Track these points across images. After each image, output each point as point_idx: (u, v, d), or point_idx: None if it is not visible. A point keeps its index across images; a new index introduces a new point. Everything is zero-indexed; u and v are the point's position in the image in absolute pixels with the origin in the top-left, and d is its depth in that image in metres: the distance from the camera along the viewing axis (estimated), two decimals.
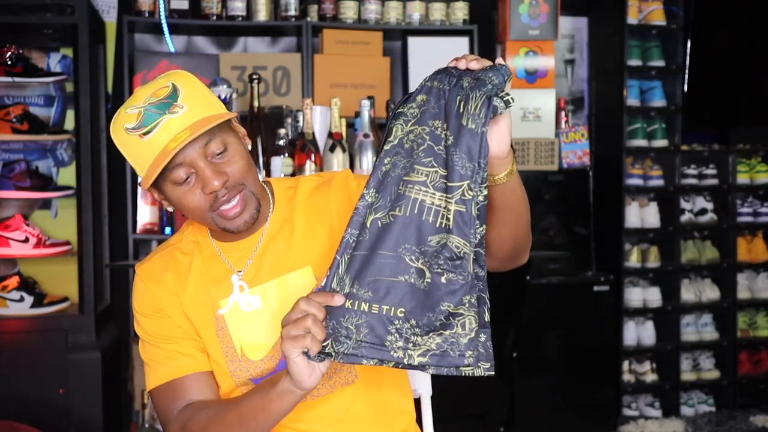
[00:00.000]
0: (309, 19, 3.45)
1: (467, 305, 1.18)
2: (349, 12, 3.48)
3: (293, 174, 2.97)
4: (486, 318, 1.18)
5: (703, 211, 4.07)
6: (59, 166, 3.30)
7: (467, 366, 1.17)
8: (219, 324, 1.43)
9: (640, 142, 3.95)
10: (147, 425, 2.99)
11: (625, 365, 3.93)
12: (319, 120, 3.16)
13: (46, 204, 3.26)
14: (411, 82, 3.64)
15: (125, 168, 3.28)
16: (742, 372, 4.10)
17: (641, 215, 3.96)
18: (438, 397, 1.80)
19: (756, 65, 4.11)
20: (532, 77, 3.71)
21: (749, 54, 4.10)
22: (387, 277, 1.19)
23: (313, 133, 3.03)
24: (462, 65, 1.22)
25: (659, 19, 3.89)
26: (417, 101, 1.24)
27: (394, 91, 3.71)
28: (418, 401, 1.69)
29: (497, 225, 1.30)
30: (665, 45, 3.97)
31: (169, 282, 1.45)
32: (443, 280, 1.18)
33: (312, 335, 1.19)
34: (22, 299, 2.99)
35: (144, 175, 1.32)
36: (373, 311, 1.19)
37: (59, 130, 3.25)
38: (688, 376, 4.01)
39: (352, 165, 3.07)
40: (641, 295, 3.94)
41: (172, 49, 3.48)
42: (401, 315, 1.19)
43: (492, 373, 1.17)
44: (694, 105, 3.96)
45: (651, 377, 3.95)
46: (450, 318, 1.18)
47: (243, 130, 1.42)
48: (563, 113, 3.82)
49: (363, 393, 1.46)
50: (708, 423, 3.84)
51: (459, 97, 1.19)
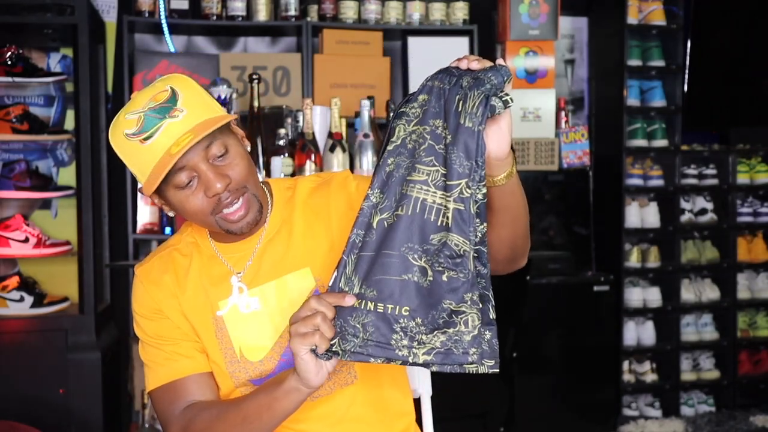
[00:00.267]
0: (309, 19, 3.45)
1: (469, 303, 1.18)
2: (349, 12, 3.48)
3: (293, 174, 2.97)
4: (491, 315, 1.18)
5: (703, 211, 4.06)
6: (59, 166, 3.30)
7: (471, 363, 1.18)
8: (218, 325, 1.43)
9: (640, 142, 3.95)
10: (147, 425, 2.99)
11: (625, 365, 3.93)
12: (319, 120, 3.16)
13: (46, 204, 3.26)
14: (411, 82, 3.64)
15: (125, 168, 3.27)
16: (742, 372, 4.10)
17: (641, 215, 3.96)
18: (438, 397, 1.80)
19: (756, 65, 4.10)
20: (532, 77, 3.71)
21: (749, 54, 4.09)
22: (392, 277, 1.20)
23: (313, 133, 3.03)
24: (463, 65, 1.23)
25: (659, 19, 3.89)
26: (419, 101, 1.24)
27: (394, 91, 3.70)
28: (418, 401, 1.69)
29: (496, 227, 1.30)
30: (665, 45, 3.97)
31: (169, 283, 1.45)
32: (444, 278, 1.19)
33: (321, 333, 1.20)
34: (22, 299, 2.99)
35: (145, 181, 1.31)
36: (379, 310, 1.20)
37: (59, 130, 3.25)
38: (688, 376, 4.01)
39: (352, 165, 3.07)
40: (641, 295, 3.94)
41: (172, 49, 3.48)
42: (406, 313, 1.19)
43: (497, 370, 1.17)
44: (694, 105, 3.96)
45: (651, 377, 3.95)
46: (453, 316, 1.18)
47: (242, 131, 1.42)
48: (563, 113, 3.82)
49: (362, 393, 1.46)
50: (708, 423, 3.84)
51: (458, 96, 1.20)
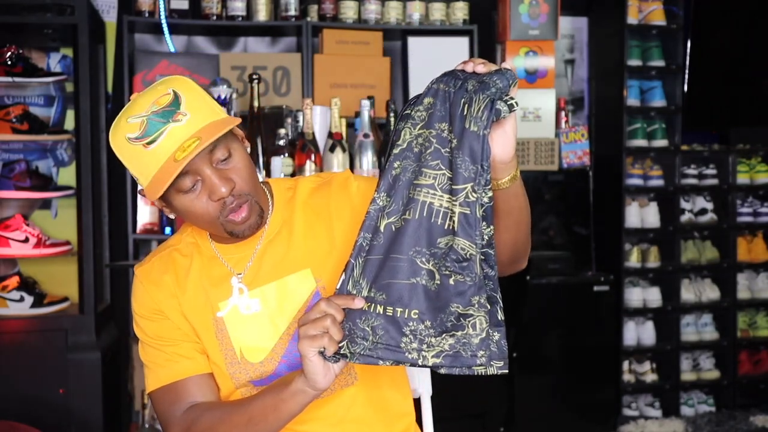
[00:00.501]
0: (309, 19, 3.45)
1: (476, 306, 1.19)
2: (349, 12, 3.48)
3: (293, 174, 2.97)
4: (499, 317, 1.19)
5: (703, 211, 4.06)
6: (59, 166, 3.30)
7: (480, 366, 1.18)
8: (218, 326, 1.43)
9: (640, 142, 3.95)
10: (147, 425, 2.99)
11: (625, 365, 3.93)
12: (319, 120, 3.16)
13: (46, 204, 3.26)
14: (411, 82, 3.64)
15: (125, 169, 3.27)
16: (742, 372, 4.10)
17: (641, 215, 3.95)
18: (438, 397, 1.80)
19: (756, 65, 4.10)
20: (532, 77, 3.71)
21: (749, 54, 4.09)
22: (400, 280, 1.20)
23: (313, 133, 3.03)
24: (469, 68, 1.23)
25: (659, 19, 3.89)
26: (424, 104, 1.24)
27: (394, 91, 3.70)
28: (418, 401, 1.69)
29: (498, 229, 1.30)
30: (665, 45, 3.97)
31: (169, 284, 1.45)
32: (451, 281, 1.19)
33: (330, 335, 1.20)
34: (22, 299, 2.99)
35: (148, 185, 1.30)
36: (388, 313, 1.20)
37: (59, 130, 3.25)
38: (688, 376, 4.01)
39: (352, 165, 3.07)
40: (641, 295, 3.94)
41: (172, 49, 3.48)
42: (415, 317, 1.20)
43: (506, 371, 1.18)
44: (694, 105, 3.96)
45: (651, 377, 3.95)
46: (461, 319, 1.19)
47: (242, 132, 1.42)
48: (563, 113, 3.82)
49: (363, 394, 1.46)
50: (708, 423, 3.84)
51: (463, 100, 1.20)
